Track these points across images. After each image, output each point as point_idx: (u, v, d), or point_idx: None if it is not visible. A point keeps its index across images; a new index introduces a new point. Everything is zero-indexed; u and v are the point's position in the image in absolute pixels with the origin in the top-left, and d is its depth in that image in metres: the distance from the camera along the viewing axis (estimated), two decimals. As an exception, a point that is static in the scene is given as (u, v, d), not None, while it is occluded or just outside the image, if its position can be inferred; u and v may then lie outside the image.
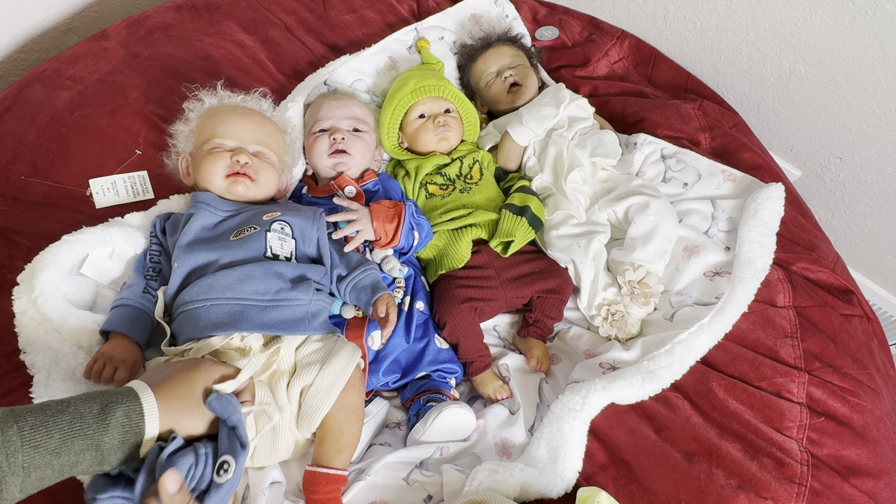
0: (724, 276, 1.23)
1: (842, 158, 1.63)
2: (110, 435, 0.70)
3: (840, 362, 1.14)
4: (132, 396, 0.74)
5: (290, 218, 1.12)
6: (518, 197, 1.34)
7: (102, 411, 0.71)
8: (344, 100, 1.38)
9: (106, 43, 1.40)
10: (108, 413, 0.71)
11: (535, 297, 1.29)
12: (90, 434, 0.69)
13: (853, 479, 1.02)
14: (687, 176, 1.39)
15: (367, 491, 1.00)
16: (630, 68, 1.71)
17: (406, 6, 1.70)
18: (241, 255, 1.04)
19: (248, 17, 1.54)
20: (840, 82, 1.51)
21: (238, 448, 0.81)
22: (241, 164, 1.13)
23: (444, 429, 1.07)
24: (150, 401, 0.75)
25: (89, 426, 0.69)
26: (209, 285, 1.00)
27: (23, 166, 1.18)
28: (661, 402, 1.08)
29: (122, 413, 0.72)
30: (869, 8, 1.36)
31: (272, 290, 1.02)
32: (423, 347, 1.20)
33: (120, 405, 0.72)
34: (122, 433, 0.72)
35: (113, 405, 0.72)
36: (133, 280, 1.07)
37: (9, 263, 1.05)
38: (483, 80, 1.56)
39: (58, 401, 0.70)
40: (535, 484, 0.98)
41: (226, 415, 0.82)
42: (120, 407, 0.72)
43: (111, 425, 0.71)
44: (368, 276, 1.14)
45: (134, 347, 0.99)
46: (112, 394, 0.74)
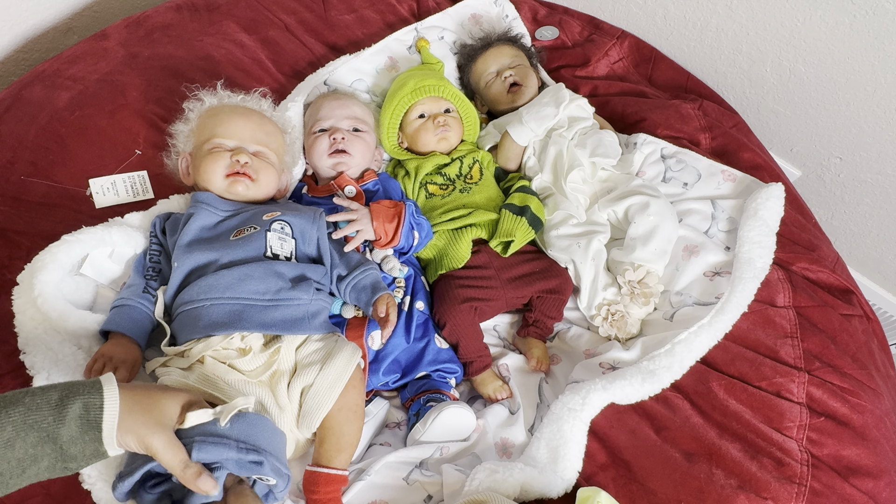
0: (724, 276, 1.23)
1: (842, 158, 1.63)
2: (67, 427, 0.66)
3: (840, 362, 1.14)
4: (95, 388, 0.70)
5: (290, 218, 1.12)
6: (518, 197, 1.34)
7: (60, 401, 0.66)
8: (344, 100, 1.38)
9: (106, 43, 1.40)
10: (65, 403, 0.66)
11: (535, 297, 1.29)
12: (45, 426, 0.65)
13: (853, 479, 1.02)
14: (687, 176, 1.39)
15: (367, 491, 1.00)
16: (630, 68, 1.71)
17: (406, 6, 1.70)
18: (240, 254, 1.04)
19: (248, 17, 1.53)
20: (840, 82, 1.51)
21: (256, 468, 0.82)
22: (241, 163, 1.13)
23: (444, 429, 1.07)
24: (113, 395, 0.70)
25: (44, 417, 0.65)
26: (209, 285, 1.00)
27: (23, 166, 1.18)
28: (661, 402, 1.08)
29: (80, 405, 0.67)
30: (869, 8, 1.36)
31: (272, 290, 1.02)
32: (423, 347, 1.20)
33: (79, 396, 0.68)
34: (79, 426, 0.67)
35: (72, 396, 0.67)
36: (133, 280, 1.07)
37: (8, 263, 1.05)
38: (483, 80, 1.56)
39: (16, 391, 0.67)
40: (535, 484, 0.98)
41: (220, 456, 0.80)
42: (79, 398, 0.67)
43: (68, 416, 0.66)
44: (368, 275, 1.14)
45: (134, 347, 0.99)
46: (74, 384, 0.70)
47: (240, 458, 0.80)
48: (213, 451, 0.77)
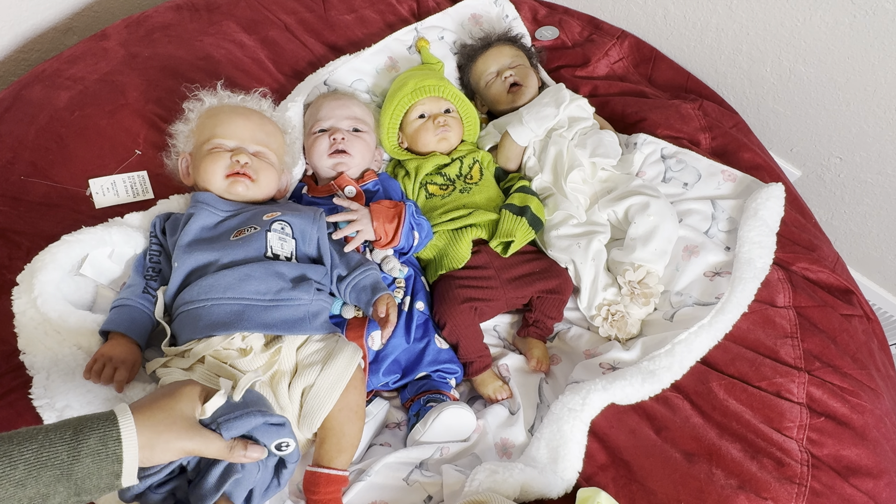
0: (724, 276, 1.23)
1: (842, 158, 1.63)
2: (82, 464, 0.65)
3: (840, 362, 1.14)
4: (110, 420, 0.68)
5: (290, 218, 1.12)
6: (518, 197, 1.34)
7: (74, 437, 0.65)
8: (344, 100, 1.38)
9: (106, 43, 1.40)
10: (80, 439, 0.65)
11: (535, 298, 1.29)
12: (58, 463, 0.63)
13: (853, 479, 1.01)
14: (687, 176, 1.39)
15: (368, 491, 1.00)
16: (630, 68, 1.71)
17: (406, 6, 1.70)
18: (241, 254, 1.04)
19: (248, 17, 1.53)
20: (840, 82, 1.51)
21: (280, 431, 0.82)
22: (241, 164, 1.13)
23: (444, 429, 1.07)
24: (129, 425, 0.69)
25: (58, 454, 0.64)
26: (209, 285, 1.00)
27: (22, 166, 1.18)
28: (661, 403, 1.08)
29: (95, 439, 0.66)
30: (869, 8, 1.36)
31: (273, 290, 1.02)
32: (424, 348, 1.20)
33: (95, 430, 0.66)
34: (96, 461, 0.66)
35: (87, 430, 0.66)
36: (133, 280, 1.07)
37: (8, 263, 1.05)
38: (483, 80, 1.56)
39: (28, 428, 0.66)
40: (535, 484, 0.98)
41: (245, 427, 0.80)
42: (94, 433, 0.66)
43: (83, 453, 0.65)
44: (368, 276, 1.14)
45: (133, 347, 0.99)
46: (88, 419, 0.68)
47: (266, 420, 0.80)
48: (240, 424, 0.78)
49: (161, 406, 0.74)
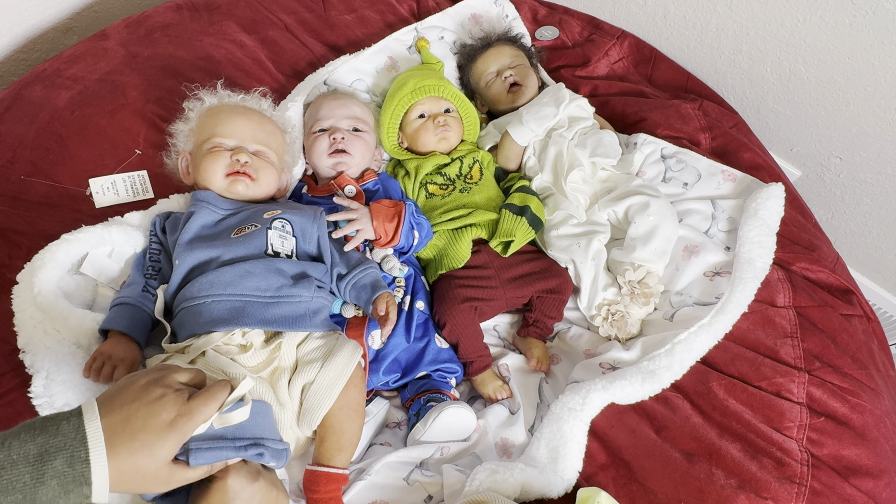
0: (724, 276, 1.23)
1: (842, 158, 1.63)
2: (47, 486, 0.58)
3: (840, 362, 1.14)
4: (78, 439, 0.61)
5: (290, 216, 1.12)
6: (518, 197, 1.34)
7: (39, 458, 0.59)
8: (344, 99, 1.38)
9: (106, 43, 1.40)
10: (45, 460, 0.59)
11: (535, 297, 1.29)
12: (20, 487, 0.58)
13: (853, 479, 1.01)
14: (687, 176, 1.39)
15: (368, 491, 1.00)
16: (630, 68, 1.71)
17: (406, 6, 1.70)
18: (242, 251, 1.05)
19: (248, 17, 1.53)
20: (840, 82, 1.51)
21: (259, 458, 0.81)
22: (241, 163, 1.14)
23: (444, 429, 1.07)
24: (98, 442, 0.62)
25: (20, 477, 0.58)
26: (210, 282, 1.00)
27: (22, 166, 1.18)
28: (661, 402, 1.08)
29: (62, 460, 0.59)
30: (869, 8, 1.36)
31: (273, 287, 1.02)
32: (424, 347, 1.20)
33: (61, 451, 0.60)
34: (62, 483, 0.59)
35: (52, 451, 0.59)
36: (132, 279, 1.07)
37: (8, 263, 1.05)
38: (483, 79, 1.56)
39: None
40: (536, 484, 0.98)
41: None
42: (61, 453, 0.60)
43: (47, 475, 0.59)
44: (368, 274, 1.14)
45: (133, 346, 0.99)
46: (53, 434, 0.61)
47: (239, 454, 0.79)
48: (210, 455, 0.75)
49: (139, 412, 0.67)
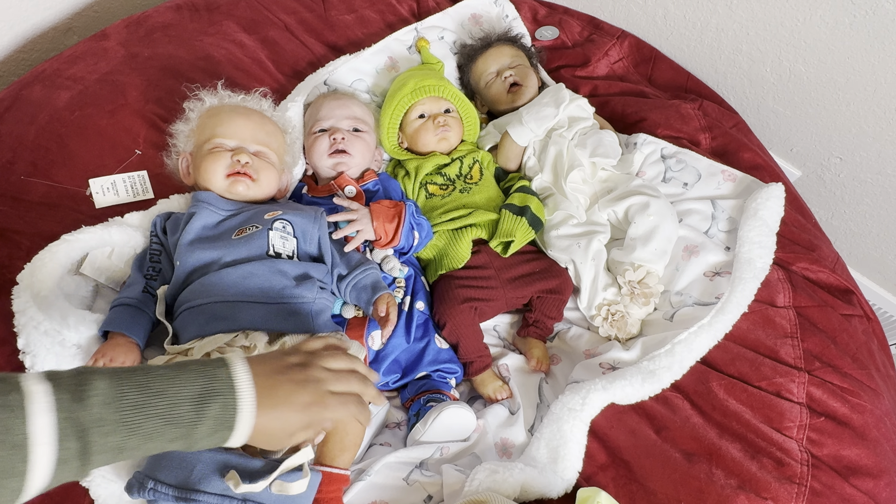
0: (724, 276, 1.23)
1: (842, 158, 1.63)
2: (203, 425, 0.66)
3: (840, 362, 1.14)
4: (230, 388, 0.68)
5: (291, 217, 1.12)
6: (518, 197, 1.34)
7: (200, 398, 0.66)
8: (344, 100, 1.38)
9: (106, 43, 1.40)
10: (206, 402, 0.66)
11: (535, 297, 1.29)
12: (185, 423, 0.65)
13: (853, 479, 1.01)
14: (687, 176, 1.39)
15: (368, 491, 1.00)
16: (630, 68, 1.71)
17: (406, 6, 1.70)
18: (243, 253, 1.05)
19: (248, 17, 1.53)
20: (840, 82, 1.51)
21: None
22: (241, 163, 1.14)
23: (444, 429, 1.07)
24: (250, 396, 0.69)
25: (184, 414, 0.65)
26: (212, 283, 1.01)
27: (22, 166, 1.17)
28: (661, 402, 1.08)
29: (219, 405, 0.67)
30: (869, 8, 1.36)
31: (276, 289, 1.02)
32: (424, 347, 1.20)
33: (219, 396, 0.67)
34: (213, 425, 0.67)
35: (212, 395, 0.67)
36: (133, 279, 1.07)
37: (8, 263, 1.05)
38: (483, 80, 1.56)
39: (156, 375, 0.65)
40: (535, 484, 0.98)
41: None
42: (218, 398, 0.67)
43: (206, 416, 0.66)
44: (369, 275, 1.14)
45: (133, 347, 0.99)
46: (210, 377, 0.68)
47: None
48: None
49: (281, 388, 0.73)
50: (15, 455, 0.56)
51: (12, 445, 0.56)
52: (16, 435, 0.56)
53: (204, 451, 0.82)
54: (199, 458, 0.83)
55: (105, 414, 0.60)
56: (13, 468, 0.56)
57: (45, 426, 0.57)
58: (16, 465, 0.56)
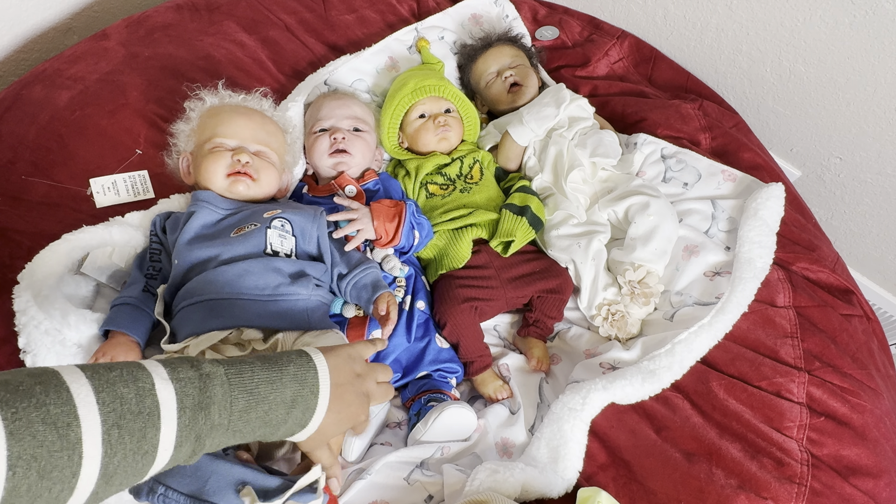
0: (725, 276, 1.23)
1: (842, 158, 1.63)
2: (286, 426, 0.72)
3: (840, 362, 1.14)
4: (314, 394, 0.74)
5: (290, 215, 1.12)
6: (518, 197, 1.34)
7: (292, 403, 0.71)
8: (344, 99, 1.38)
9: (106, 43, 1.40)
10: (293, 406, 0.71)
11: (536, 297, 1.29)
12: (274, 424, 0.70)
13: (853, 478, 1.01)
14: (687, 176, 1.39)
15: (368, 490, 1.00)
16: (630, 68, 1.71)
17: (406, 6, 1.70)
18: (240, 250, 1.05)
19: (249, 17, 1.53)
20: (840, 82, 1.51)
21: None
22: (242, 163, 1.14)
23: (444, 428, 1.07)
24: (324, 405, 0.74)
25: (277, 417, 0.70)
26: (208, 281, 1.01)
27: (23, 166, 1.18)
28: (661, 402, 1.08)
29: (300, 410, 0.72)
30: (869, 8, 1.36)
31: (271, 286, 1.02)
32: (424, 347, 1.20)
33: (304, 400, 0.72)
34: (292, 425, 0.72)
35: (299, 400, 0.72)
36: (133, 278, 1.07)
37: (9, 263, 1.05)
38: (483, 80, 1.56)
39: (262, 378, 0.69)
40: (536, 484, 0.98)
41: None
42: (302, 402, 0.72)
43: (291, 417, 0.71)
44: (369, 274, 1.14)
45: (134, 346, 0.99)
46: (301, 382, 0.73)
47: None
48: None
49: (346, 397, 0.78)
50: (144, 460, 0.59)
51: (144, 453, 0.59)
52: (148, 443, 0.59)
53: (220, 463, 0.84)
54: (215, 470, 0.83)
55: (220, 420, 0.65)
56: (140, 470, 0.59)
57: (170, 434, 0.60)
58: (143, 468, 0.60)
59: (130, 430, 0.57)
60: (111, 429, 0.56)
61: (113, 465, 0.56)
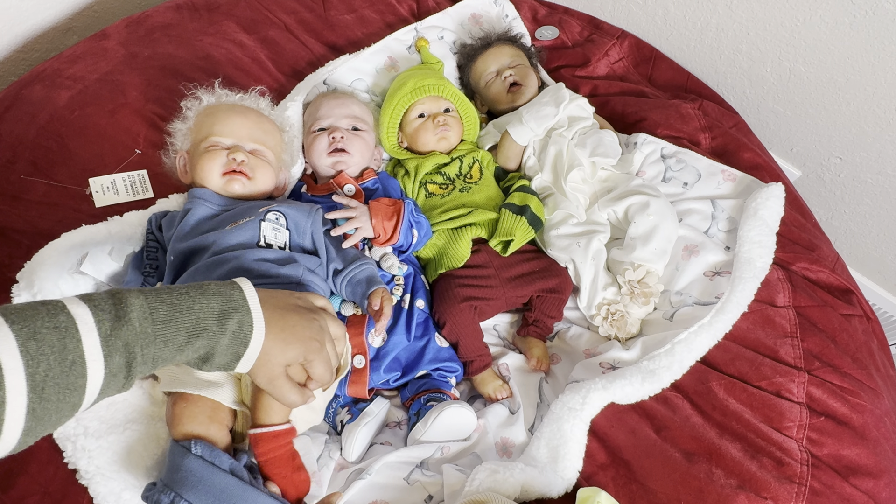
0: (724, 276, 1.23)
1: (842, 158, 1.63)
2: (224, 338, 0.71)
3: (840, 362, 1.14)
4: (245, 308, 0.74)
5: (285, 209, 1.12)
6: (518, 196, 1.34)
7: (222, 314, 0.71)
8: (343, 99, 1.38)
9: (106, 42, 1.40)
10: (226, 317, 0.72)
11: (535, 297, 1.29)
12: (210, 335, 0.70)
13: (853, 478, 1.01)
14: (687, 176, 1.39)
15: (368, 490, 1.00)
16: (630, 68, 1.71)
17: (406, 6, 1.70)
18: (233, 241, 1.05)
19: (248, 17, 1.53)
20: (840, 82, 1.51)
21: None
22: (237, 161, 1.14)
23: (444, 428, 1.07)
24: (260, 320, 0.74)
25: (210, 327, 0.70)
26: (198, 270, 1.01)
27: (22, 165, 1.18)
28: (661, 402, 1.08)
29: (236, 321, 0.72)
30: (869, 8, 1.36)
31: (260, 270, 1.02)
32: (424, 346, 1.20)
33: (236, 312, 0.73)
34: (232, 338, 0.72)
35: (231, 311, 0.72)
36: (130, 277, 1.07)
37: (8, 262, 1.05)
38: (483, 79, 1.56)
39: (180, 293, 0.70)
40: (536, 484, 0.98)
41: None
42: (236, 314, 0.72)
43: (226, 329, 0.71)
44: (364, 270, 1.14)
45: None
46: (227, 297, 0.73)
47: None
48: None
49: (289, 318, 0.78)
50: (73, 371, 0.60)
51: (70, 363, 0.60)
52: (70, 353, 0.60)
53: (249, 490, 0.84)
54: (243, 496, 0.83)
55: (142, 328, 0.65)
56: (73, 383, 0.60)
57: (94, 343, 0.62)
58: (75, 381, 0.60)
59: (49, 342, 0.59)
60: (27, 342, 0.57)
61: (39, 376, 0.57)
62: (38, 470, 0.90)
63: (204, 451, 0.85)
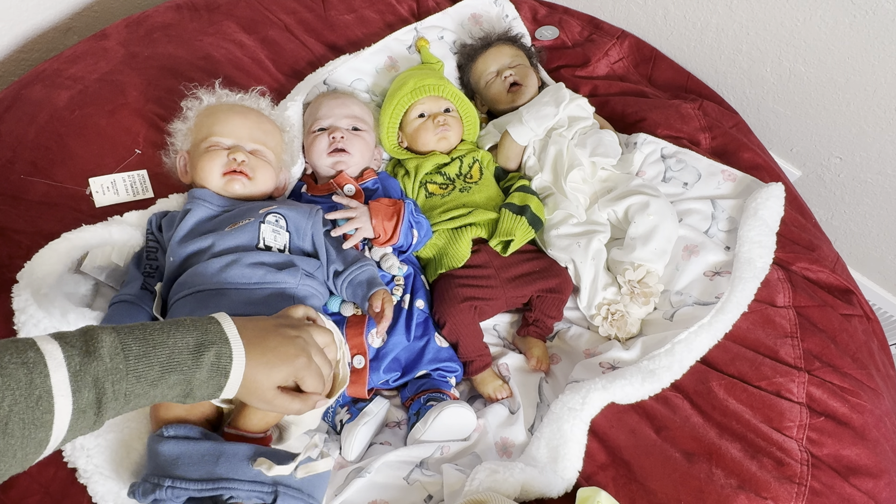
0: (724, 276, 1.23)
1: (842, 158, 1.63)
2: (202, 371, 0.71)
3: (840, 362, 1.14)
4: (223, 339, 0.74)
5: (285, 211, 1.12)
6: (518, 196, 1.34)
7: (197, 348, 0.71)
8: (343, 99, 1.38)
9: (106, 42, 1.40)
10: (202, 350, 0.71)
11: (535, 297, 1.29)
12: (185, 370, 0.70)
13: (853, 478, 1.01)
14: (687, 176, 1.39)
15: (368, 490, 1.00)
16: (630, 68, 1.71)
17: (406, 6, 1.70)
18: (232, 243, 1.05)
19: (248, 17, 1.53)
20: (840, 82, 1.51)
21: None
22: (237, 162, 1.14)
23: (444, 428, 1.07)
24: (240, 349, 0.74)
25: (185, 361, 0.70)
26: (197, 273, 1.01)
27: (22, 165, 1.18)
28: (661, 402, 1.08)
29: (213, 353, 0.72)
30: (869, 8, 1.36)
31: (257, 274, 1.02)
32: (424, 346, 1.19)
33: (213, 345, 0.72)
34: (210, 371, 0.72)
35: (207, 344, 0.72)
36: (131, 277, 1.08)
37: (8, 262, 1.05)
38: (483, 79, 1.56)
39: (154, 329, 0.70)
40: (536, 483, 0.98)
41: None
42: (213, 347, 0.72)
43: (203, 363, 0.71)
44: (365, 271, 1.14)
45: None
46: (203, 328, 0.73)
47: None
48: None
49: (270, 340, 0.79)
50: (39, 406, 0.59)
51: (37, 399, 0.59)
52: (38, 388, 0.59)
53: (228, 444, 0.85)
54: (223, 450, 0.84)
55: (114, 364, 0.65)
56: (40, 419, 0.59)
57: (62, 379, 0.61)
58: (42, 416, 0.60)
59: (16, 377, 0.58)
60: None
61: (3, 410, 0.57)
62: (39, 470, 0.90)
63: (176, 430, 0.86)
